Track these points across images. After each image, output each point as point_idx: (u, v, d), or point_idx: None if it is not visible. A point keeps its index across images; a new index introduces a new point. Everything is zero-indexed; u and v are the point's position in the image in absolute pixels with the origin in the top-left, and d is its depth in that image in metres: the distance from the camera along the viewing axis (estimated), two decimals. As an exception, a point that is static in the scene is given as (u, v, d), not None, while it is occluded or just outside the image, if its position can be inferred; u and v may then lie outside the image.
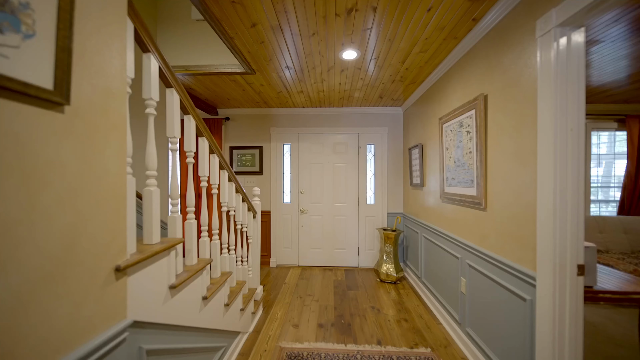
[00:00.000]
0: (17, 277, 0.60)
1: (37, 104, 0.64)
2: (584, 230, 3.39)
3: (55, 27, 0.66)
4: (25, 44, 0.60)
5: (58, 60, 0.67)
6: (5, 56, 0.57)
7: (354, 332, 2.29)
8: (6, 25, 0.57)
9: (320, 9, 1.65)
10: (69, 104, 0.70)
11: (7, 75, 0.57)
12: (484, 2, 1.58)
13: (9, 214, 0.58)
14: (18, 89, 0.59)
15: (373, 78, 2.77)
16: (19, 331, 0.60)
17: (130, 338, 0.93)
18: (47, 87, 0.65)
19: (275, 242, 4.01)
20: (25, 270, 0.61)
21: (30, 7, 0.61)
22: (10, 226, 0.59)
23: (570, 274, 1.21)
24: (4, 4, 0.56)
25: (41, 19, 0.63)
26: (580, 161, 1.21)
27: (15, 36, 0.58)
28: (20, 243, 0.60)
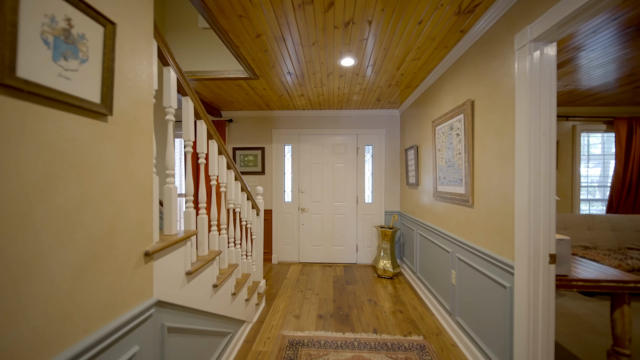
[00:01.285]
0: (75, 255, 0.75)
1: (88, 115, 0.78)
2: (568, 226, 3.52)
3: (102, 52, 0.81)
4: (81, 67, 0.75)
5: (104, 78, 0.81)
6: (68, 78, 0.71)
7: (352, 322, 2.43)
8: (69, 54, 0.71)
9: (320, 22, 1.79)
10: (112, 115, 0.85)
11: (69, 93, 0.71)
12: (470, 15, 1.72)
13: (69, 204, 0.73)
14: (76, 104, 0.73)
15: (370, 83, 2.92)
16: (76, 298, 0.75)
17: (155, 315, 1.08)
18: (96, 101, 0.79)
19: (276, 239, 4.16)
20: (80, 249, 0.76)
21: (85, 37, 0.76)
22: (70, 213, 0.73)
23: (543, 263, 1.35)
24: (67, 37, 0.71)
25: (92, 47, 0.78)
26: (552, 162, 1.35)
27: (74, 61, 0.73)
28: (76, 227, 0.75)
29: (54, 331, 0.69)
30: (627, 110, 3.77)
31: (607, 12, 1.75)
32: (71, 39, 0.72)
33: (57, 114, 0.70)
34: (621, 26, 1.86)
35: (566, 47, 2.16)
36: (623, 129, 3.68)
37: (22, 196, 0.62)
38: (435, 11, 1.67)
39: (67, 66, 0.71)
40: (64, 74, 0.70)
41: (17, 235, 0.61)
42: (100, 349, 0.80)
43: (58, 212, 0.70)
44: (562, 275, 1.57)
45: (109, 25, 0.82)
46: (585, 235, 3.53)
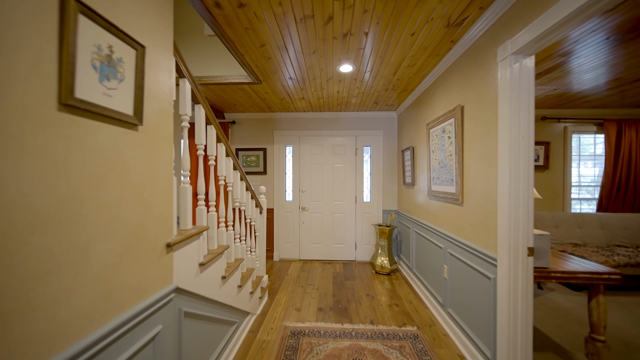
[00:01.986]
0: (114, 244, 0.89)
1: (124, 126, 0.93)
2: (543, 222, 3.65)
3: (134, 71, 0.95)
4: (119, 86, 0.89)
5: (136, 94, 0.95)
6: (110, 96, 0.85)
7: (350, 314, 2.58)
8: (111, 75, 0.85)
9: (320, 33, 1.93)
10: (142, 125, 0.99)
11: (111, 108, 0.85)
12: (458, 28, 1.86)
13: (111, 201, 0.87)
14: (116, 117, 0.87)
15: (368, 87, 3.06)
16: (115, 281, 0.89)
17: (174, 299, 1.22)
18: (130, 113, 0.94)
19: (278, 237, 4.30)
20: (118, 239, 0.90)
21: (122, 60, 0.90)
22: (111, 209, 0.87)
23: (522, 255, 1.49)
24: (109, 61, 0.85)
25: (127, 68, 0.92)
26: (531, 163, 1.49)
27: (114, 81, 0.87)
28: (116, 221, 0.89)
29: (100, 306, 0.83)
30: (616, 113, 3.91)
31: (578, 28, 1.88)
32: (112, 62, 0.86)
33: (102, 126, 0.84)
34: (602, 35, 2.00)
35: (555, 53, 2.29)
36: (612, 131, 3.82)
37: (77, 193, 0.76)
38: (427, 24, 1.81)
39: (109, 85, 0.85)
40: (107, 92, 0.84)
41: (73, 226, 0.75)
42: (132, 324, 0.95)
43: (102, 207, 0.84)
44: (542, 268, 1.72)
45: (140, 48, 0.96)
46: (576, 233, 3.67)
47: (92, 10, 0.77)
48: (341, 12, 1.70)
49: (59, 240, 0.71)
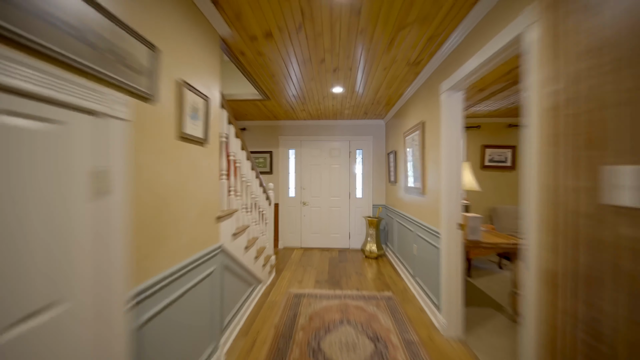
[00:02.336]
0: (193, 215, 1.56)
1: (199, 144, 1.60)
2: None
3: (204, 113, 1.63)
4: (197, 122, 1.57)
5: (205, 125, 1.63)
6: (194, 128, 1.53)
7: (341, 285, 3.24)
8: (194, 116, 1.53)
9: (316, 69, 2.60)
10: (208, 143, 1.67)
11: (194, 135, 1.53)
12: (417, 66, 2.53)
13: (192, 190, 1.55)
14: (196, 140, 1.55)
15: (357, 101, 3.72)
16: (194, 233, 1.57)
17: (219, 254, 1.90)
18: (202, 137, 1.61)
19: (282, 228, 4.98)
20: (196, 213, 1.58)
21: (198, 108, 1.57)
22: (193, 192, 1.55)
23: (454, 228, 2.16)
24: (195, 110, 1.52)
25: (200, 111, 1.60)
26: (459, 166, 2.15)
27: (196, 120, 1.55)
28: (194, 202, 1.57)
29: (192, 244, 1.51)
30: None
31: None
32: (195, 110, 1.53)
33: (191, 146, 1.52)
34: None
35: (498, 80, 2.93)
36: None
37: (182, 182, 1.44)
38: (394, 64, 2.48)
39: (194, 123, 1.53)
40: (193, 127, 1.52)
41: (181, 200, 1.42)
42: (202, 261, 1.62)
43: (190, 191, 1.52)
44: (476, 241, 2.38)
45: (207, 100, 1.64)
46: (516, 224, 4.28)
47: (190, 85, 1.45)
48: (330, 57, 2.37)
49: (178, 206, 1.39)
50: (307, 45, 2.16)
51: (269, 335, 2.20)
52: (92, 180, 0.89)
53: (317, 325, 2.33)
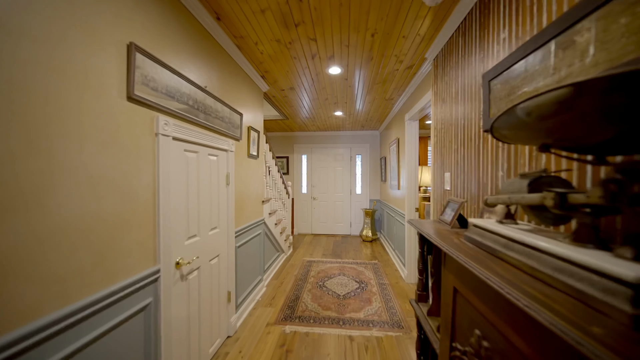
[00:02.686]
0: (253, 200, 2.78)
1: (254, 158, 2.82)
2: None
3: (257, 140, 2.84)
4: (254, 146, 2.78)
5: (257, 148, 2.85)
6: (253, 147, 2.75)
7: (341, 256, 4.41)
8: (254, 143, 2.75)
9: (322, 102, 3.78)
10: (258, 157, 2.89)
11: (253, 153, 2.75)
12: (390, 101, 3.66)
13: (252, 186, 2.77)
14: (253, 156, 2.77)
15: (355, 118, 4.88)
16: (249, 211, 2.79)
17: (263, 224, 3.11)
18: (256, 154, 2.83)
19: (296, 218, 6.18)
20: (251, 202, 2.80)
21: (255, 137, 2.79)
22: (250, 188, 2.77)
23: (413, 210, 3.29)
24: (254, 139, 2.74)
25: (254, 139, 2.81)
26: (415, 169, 3.28)
27: (254, 145, 2.76)
28: (253, 192, 2.79)
29: (251, 215, 2.73)
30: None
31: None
32: (254, 139, 2.75)
33: (251, 160, 2.74)
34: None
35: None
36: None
37: (248, 181, 2.65)
38: (374, 100, 3.63)
39: (252, 147, 2.74)
40: (252, 148, 2.73)
41: (247, 195, 2.64)
42: (256, 225, 2.84)
43: (250, 187, 2.74)
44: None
45: (258, 132, 2.85)
46: None
47: (253, 127, 2.67)
48: (331, 97, 3.54)
49: (247, 192, 2.60)
50: (315, 92, 3.34)
51: (291, 279, 3.40)
52: (226, 178, 2.11)
53: (323, 275, 3.51)
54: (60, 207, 0.90)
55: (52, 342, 0.87)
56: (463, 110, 1.71)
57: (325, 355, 1.96)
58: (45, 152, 0.85)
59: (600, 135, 0.52)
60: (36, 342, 0.82)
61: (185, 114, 1.56)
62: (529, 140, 0.66)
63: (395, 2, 1.66)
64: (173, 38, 1.48)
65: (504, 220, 0.91)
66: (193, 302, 1.68)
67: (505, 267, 0.71)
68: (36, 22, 0.83)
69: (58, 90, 0.89)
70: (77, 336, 0.95)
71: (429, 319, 1.33)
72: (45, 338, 0.84)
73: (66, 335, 0.91)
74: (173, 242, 1.48)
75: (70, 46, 0.93)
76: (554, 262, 0.59)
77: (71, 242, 0.93)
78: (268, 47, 2.21)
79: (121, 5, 1.14)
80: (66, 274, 0.92)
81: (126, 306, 1.16)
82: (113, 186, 1.10)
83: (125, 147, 1.16)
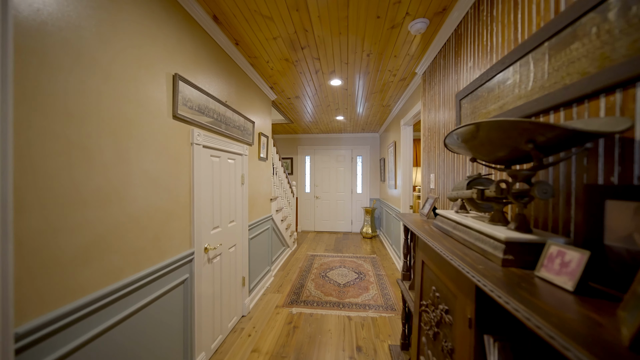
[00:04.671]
0: (264, 198, 3.12)
1: (264, 161, 3.15)
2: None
3: (267, 145, 3.17)
4: (264, 150, 3.11)
5: (266, 151, 3.18)
6: (263, 151, 3.08)
7: (342, 251, 4.73)
8: (264, 147, 3.08)
9: (324, 108, 4.10)
10: (267, 160, 3.22)
11: (263, 156, 3.08)
12: (387, 107, 3.97)
13: (262, 186, 3.10)
14: (263, 159, 3.10)
15: (356, 122, 5.19)
16: (259, 208, 3.12)
17: (270, 220, 3.44)
18: (265, 157, 3.16)
19: (300, 216, 6.51)
20: (264, 196, 3.13)
21: (264, 142, 3.12)
22: (260, 187, 3.10)
23: (407, 207, 3.60)
24: (263, 144, 3.07)
25: (263, 144, 3.14)
26: (410, 170, 3.59)
27: (264, 149, 3.10)
28: (263, 191, 3.12)
29: (261, 211, 3.06)
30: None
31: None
32: (264, 144, 3.08)
33: (261, 162, 3.07)
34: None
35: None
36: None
37: (259, 180, 2.98)
38: (372, 106, 3.95)
39: (262, 150, 3.07)
40: (262, 152, 3.06)
41: (257, 194, 2.97)
42: (265, 220, 3.17)
43: (260, 187, 3.07)
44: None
45: (267, 137, 3.18)
46: None
47: (263, 133, 3.00)
48: (332, 104, 3.86)
49: (258, 190, 2.93)
50: (318, 99, 3.67)
51: (296, 270, 3.73)
52: (241, 178, 2.45)
53: (325, 267, 3.84)
54: (134, 200, 1.23)
55: (132, 297, 1.20)
56: (444, 120, 2.02)
57: (326, 330, 2.28)
58: (126, 161, 1.19)
59: (498, 153, 0.84)
60: (122, 295, 1.15)
61: (211, 125, 1.89)
62: (466, 153, 0.98)
63: (386, 31, 1.97)
64: (202, 63, 1.82)
65: (458, 210, 1.23)
66: (216, 282, 2.01)
67: (451, 242, 1.02)
68: (119, 66, 1.16)
69: (133, 115, 1.23)
70: (144, 295, 1.28)
71: (410, 292, 1.65)
72: (126, 293, 1.18)
73: (140, 292, 1.25)
74: (202, 230, 1.81)
75: (140, 82, 1.27)
76: (476, 235, 0.91)
77: (141, 226, 1.27)
78: (277, 64, 2.53)
79: (168, 44, 1.47)
80: (137, 249, 1.25)
81: (172, 278, 1.50)
82: (163, 185, 1.44)
83: (171, 155, 1.50)
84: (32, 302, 0.83)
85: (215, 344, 1.99)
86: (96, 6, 1.06)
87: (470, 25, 1.57)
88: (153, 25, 1.35)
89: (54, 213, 0.90)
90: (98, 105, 1.06)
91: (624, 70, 0.67)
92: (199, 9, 1.68)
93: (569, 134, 0.63)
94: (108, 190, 1.10)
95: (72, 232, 0.96)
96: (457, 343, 0.86)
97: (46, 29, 0.88)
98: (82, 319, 0.99)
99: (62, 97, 0.92)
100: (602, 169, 0.76)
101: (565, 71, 0.86)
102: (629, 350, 0.38)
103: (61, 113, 0.92)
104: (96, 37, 1.05)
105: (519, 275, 0.68)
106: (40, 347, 0.85)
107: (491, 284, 0.63)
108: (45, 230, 0.87)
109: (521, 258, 0.73)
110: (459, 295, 0.86)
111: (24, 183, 0.81)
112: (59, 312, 0.90)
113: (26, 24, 0.82)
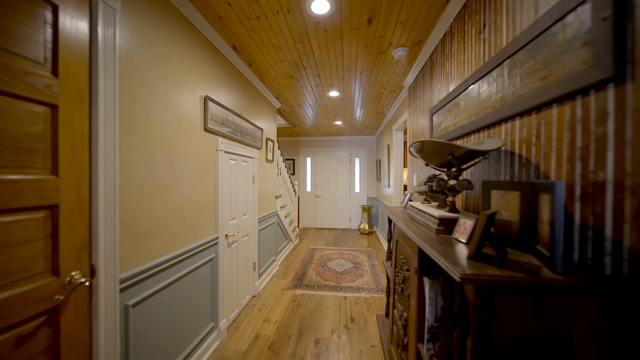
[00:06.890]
0: (270, 197, 3.52)
1: (270, 162, 3.56)
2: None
3: (273, 148, 3.59)
4: (270, 153, 3.52)
5: (272, 154, 3.59)
6: (270, 153, 3.49)
7: (341, 245, 5.14)
8: (271, 151, 3.49)
9: (324, 114, 4.51)
10: (273, 161, 3.62)
11: (270, 159, 3.49)
12: (380, 114, 4.37)
13: (268, 184, 3.51)
14: (270, 161, 3.51)
15: (353, 126, 5.59)
16: (268, 204, 3.53)
17: (275, 215, 3.85)
18: (271, 159, 3.57)
19: (301, 213, 6.91)
20: (270, 194, 3.54)
21: (271, 146, 3.53)
22: (266, 187, 3.51)
23: (398, 201, 4.00)
24: (271, 148, 3.48)
25: (270, 148, 3.55)
26: (401, 171, 3.99)
27: (270, 152, 3.50)
28: (269, 189, 3.53)
29: (267, 207, 3.47)
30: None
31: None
32: (270, 148, 3.49)
33: (268, 164, 3.48)
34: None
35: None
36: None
37: (267, 180, 3.39)
38: (368, 113, 4.35)
39: (269, 153, 3.48)
40: (269, 156, 3.47)
41: (265, 189, 3.38)
42: (270, 215, 3.57)
43: (267, 185, 3.48)
44: (414, 213, 4.22)
45: (273, 141, 3.59)
46: None
47: (269, 138, 3.41)
48: (331, 110, 4.27)
49: (266, 189, 3.34)
50: (318, 107, 4.07)
51: (298, 261, 4.14)
52: (252, 178, 2.85)
53: (325, 258, 4.24)
54: (179, 194, 1.64)
55: (178, 266, 1.61)
56: (422, 129, 2.42)
57: (325, 307, 2.69)
58: (174, 164, 1.60)
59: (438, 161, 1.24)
60: (172, 264, 1.56)
61: (231, 134, 2.30)
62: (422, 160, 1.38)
63: (374, 56, 2.38)
64: (223, 83, 2.22)
65: (423, 201, 1.63)
66: (234, 264, 2.42)
67: (414, 224, 1.43)
68: (169, 93, 1.57)
69: (178, 129, 1.63)
70: (185, 267, 1.69)
71: (391, 268, 2.05)
72: (174, 263, 1.58)
73: (182, 264, 1.66)
74: (224, 220, 2.22)
75: (182, 104, 1.67)
76: (426, 216, 1.31)
77: (183, 215, 1.68)
78: (283, 80, 2.94)
79: (200, 72, 1.88)
80: (180, 231, 1.66)
81: (203, 256, 1.90)
82: (197, 183, 1.84)
83: (202, 159, 1.90)
84: (124, 261, 1.24)
85: (233, 315, 2.40)
86: (159, 54, 1.46)
87: (439, 56, 1.97)
88: (191, 59, 1.76)
89: (134, 201, 1.30)
90: (158, 124, 1.47)
91: (508, 110, 1.08)
92: (223, 42, 2.09)
93: (470, 152, 1.03)
94: (164, 186, 1.51)
95: (145, 215, 1.36)
96: (411, 288, 1.26)
97: (129, 74, 1.29)
98: (151, 276, 1.40)
99: (139, 121, 1.33)
100: (494, 171, 1.16)
101: (486, 104, 1.27)
102: (467, 259, 0.79)
103: (138, 132, 1.33)
104: (157, 74, 1.46)
105: (444, 238, 1.08)
106: (130, 290, 1.26)
107: (424, 243, 1.04)
108: (133, 212, 1.28)
109: (447, 228, 1.13)
110: (412, 255, 1.26)
111: (122, 180, 1.22)
112: (139, 270, 1.31)
113: (122, 70, 1.23)
